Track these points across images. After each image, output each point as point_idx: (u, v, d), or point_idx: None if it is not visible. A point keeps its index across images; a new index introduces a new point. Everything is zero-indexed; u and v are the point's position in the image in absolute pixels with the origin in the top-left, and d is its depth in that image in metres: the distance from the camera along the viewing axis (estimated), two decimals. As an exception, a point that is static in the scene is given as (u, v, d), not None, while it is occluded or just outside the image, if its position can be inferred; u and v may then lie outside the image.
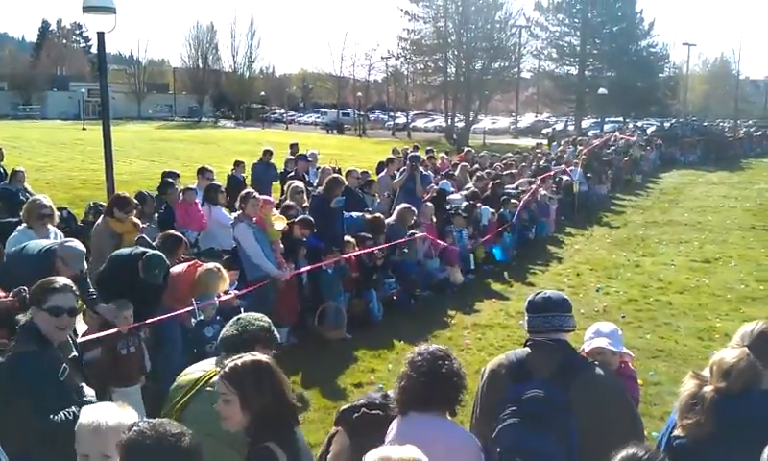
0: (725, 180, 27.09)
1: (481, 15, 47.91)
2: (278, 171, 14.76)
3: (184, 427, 2.37)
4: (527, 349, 3.43)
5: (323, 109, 73.75)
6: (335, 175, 10.66)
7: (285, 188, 11.06)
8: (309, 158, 15.18)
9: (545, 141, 34.55)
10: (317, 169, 15.57)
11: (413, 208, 10.69)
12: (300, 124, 69.08)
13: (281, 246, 8.58)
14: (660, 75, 55.27)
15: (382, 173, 14.33)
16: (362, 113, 62.80)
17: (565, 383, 3.19)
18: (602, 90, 43.75)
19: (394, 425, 3.12)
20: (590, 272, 12.56)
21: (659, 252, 14.32)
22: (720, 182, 26.30)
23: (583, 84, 51.17)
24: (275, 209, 8.94)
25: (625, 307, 10.25)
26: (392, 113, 66.58)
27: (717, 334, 8.82)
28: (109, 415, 2.58)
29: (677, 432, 2.96)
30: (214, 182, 11.04)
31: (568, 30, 53.03)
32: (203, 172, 11.86)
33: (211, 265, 6.53)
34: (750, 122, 55.60)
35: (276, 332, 3.51)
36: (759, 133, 43.11)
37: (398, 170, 13.65)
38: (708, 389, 2.90)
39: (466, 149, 21.23)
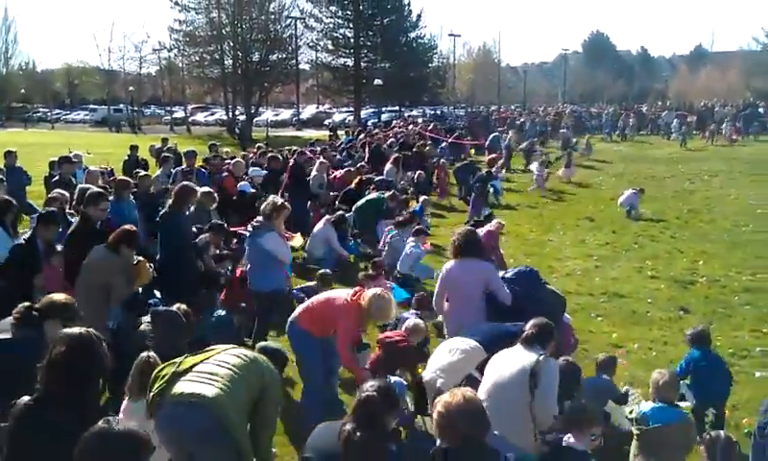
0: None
1: (254, 7, 47.13)
2: (28, 175, 13.92)
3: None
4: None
5: (92, 106, 68.17)
6: (184, 182, 8.85)
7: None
8: (74, 160, 14.00)
9: (329, 132, 34.89)
10: (84, 170, 14.46)
11: None
12: (68, 122, 63.67)
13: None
14: (431, 65, 58.52)
15: (158, 172, 13.56)
16: (135, 109, 59.43)
17: None
18: (377, 81, 45.35)
19: (450, 264, 6.44)
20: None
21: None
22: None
23: (359, 76, 52.77)
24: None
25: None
26: (168, 108, 63.78)
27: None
28: None
29: None
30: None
31: (342, 22, 54.34)
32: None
33: (378, 290, 5.82)
34: (512, 107, 60.73)
35: None
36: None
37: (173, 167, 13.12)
38: None
39: (258, 146, 20.45)
